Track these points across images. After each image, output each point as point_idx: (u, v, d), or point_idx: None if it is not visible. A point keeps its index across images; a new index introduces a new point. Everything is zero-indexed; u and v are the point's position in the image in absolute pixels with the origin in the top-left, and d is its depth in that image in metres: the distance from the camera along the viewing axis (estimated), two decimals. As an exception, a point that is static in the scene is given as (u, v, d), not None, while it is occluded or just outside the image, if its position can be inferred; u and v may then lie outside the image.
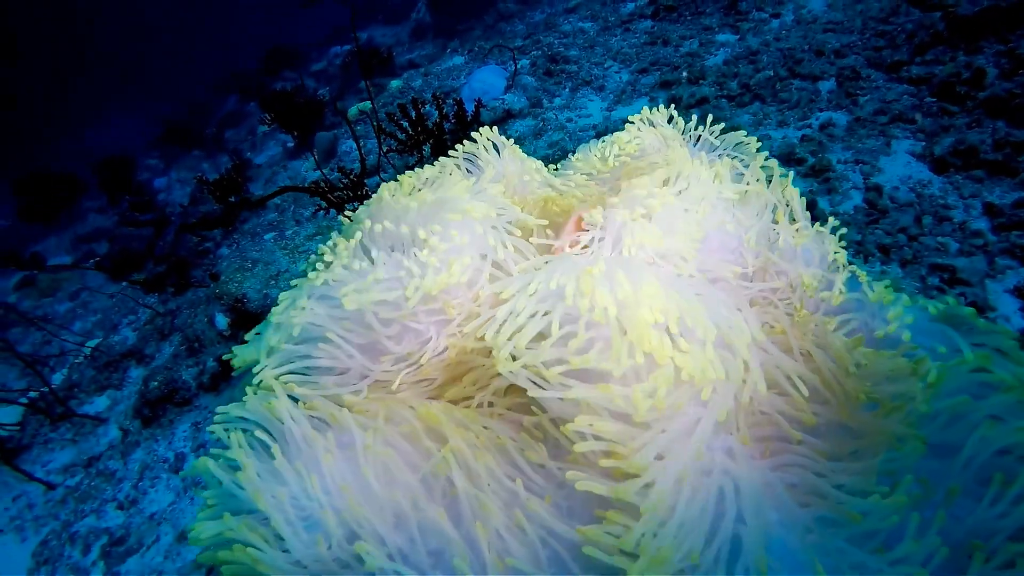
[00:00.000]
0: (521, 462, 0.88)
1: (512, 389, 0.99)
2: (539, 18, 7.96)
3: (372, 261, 1.08)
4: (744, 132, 1.34)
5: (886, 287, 1.07)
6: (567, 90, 4.65)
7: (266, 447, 0.91)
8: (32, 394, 3.98)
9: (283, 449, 0.90)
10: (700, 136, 1.44)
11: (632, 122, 1.42)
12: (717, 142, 1.31)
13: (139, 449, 3.22)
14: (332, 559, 0.77)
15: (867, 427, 0.83)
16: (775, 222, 1.11)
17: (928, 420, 0.84)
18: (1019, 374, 0.91)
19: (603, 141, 1.46)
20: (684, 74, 4.29)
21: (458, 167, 1.35)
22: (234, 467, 0.89)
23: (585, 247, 1.07)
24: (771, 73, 3.95)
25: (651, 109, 1.43)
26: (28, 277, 7.48)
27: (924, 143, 2.92)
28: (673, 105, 1.65)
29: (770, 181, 1.19)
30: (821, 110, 3.48)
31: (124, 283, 6.02)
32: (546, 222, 1.24)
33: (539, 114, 4.41)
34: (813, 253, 1.09)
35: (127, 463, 3.16)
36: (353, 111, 6.37)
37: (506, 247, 1.08)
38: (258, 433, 0.92)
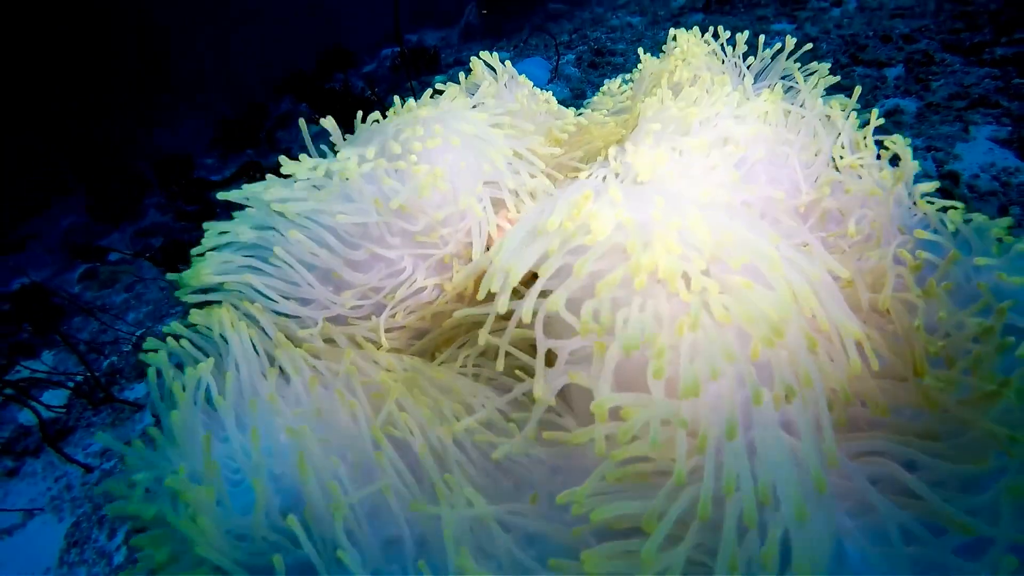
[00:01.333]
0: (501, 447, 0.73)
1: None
2: (587, 16, 7.82)
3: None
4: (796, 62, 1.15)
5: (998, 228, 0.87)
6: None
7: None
8: (78, 378, 4.09)
9: (223, 395, 0.79)
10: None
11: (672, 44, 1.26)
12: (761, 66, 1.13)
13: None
14: (268, 530, 0.65)
15: (960, 416, 0.65)
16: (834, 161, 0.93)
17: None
18: None
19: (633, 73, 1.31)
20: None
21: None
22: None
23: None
24: (832, 61, 3.67)
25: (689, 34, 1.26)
26: (91, 269, 7.85)
27: (1011, 128, 2.62)
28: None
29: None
30: (887, 97, 3.20)
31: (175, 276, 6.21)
32: (560, 151, 1.08)
33: (580, 105, 4.26)
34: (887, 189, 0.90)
35: (158, 449, 3.18)
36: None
37: (514, 168, 0.93)
38: (202, 372, 0.81)
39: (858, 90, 1.04)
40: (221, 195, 0.97)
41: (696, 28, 1.29)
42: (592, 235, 0.67)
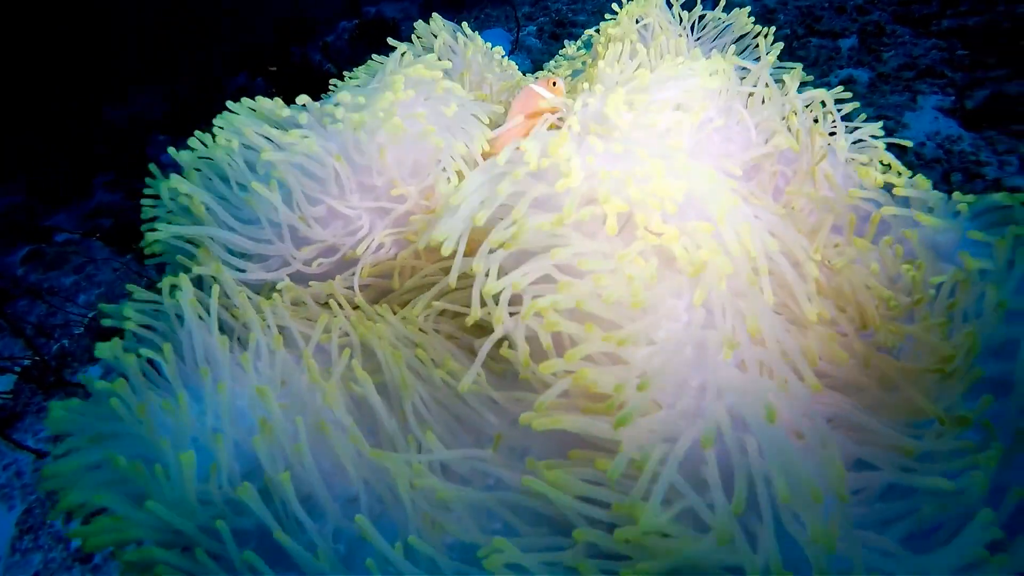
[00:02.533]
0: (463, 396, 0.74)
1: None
2: (550, -13, 7.72)
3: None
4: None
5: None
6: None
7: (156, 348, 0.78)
8: (26, 363, 3.93)
9: (179, 355, 0.77)
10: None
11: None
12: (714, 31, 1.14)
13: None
14: (223, 500, 0.64)
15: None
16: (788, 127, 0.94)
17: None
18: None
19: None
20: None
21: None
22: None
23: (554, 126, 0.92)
24: (788, 32, 3.72)
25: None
26: (35, 250, 7.49)
27: (954, 98, 2.71)
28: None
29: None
30: (841, 67, 3.26)
31: (128, 256, 5.99)
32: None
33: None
34: (837, 154, 0.92)
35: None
36: (356, 81, 6.23)
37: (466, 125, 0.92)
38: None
39: (798, 72, 1.06)
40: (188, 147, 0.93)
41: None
42: (566, 180, 0.68)
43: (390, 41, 1.18)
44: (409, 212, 0.87)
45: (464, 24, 1.30)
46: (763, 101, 0.99)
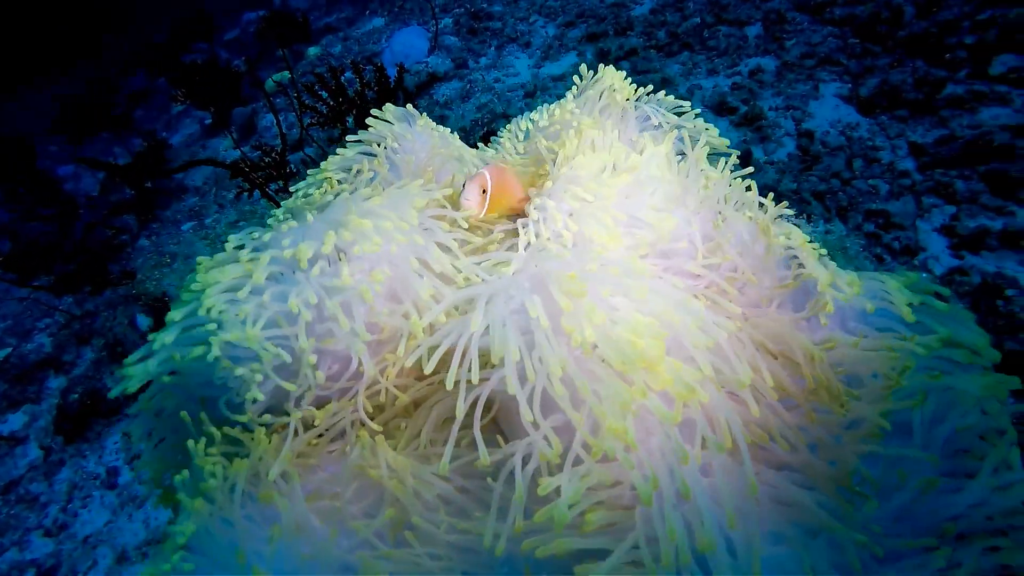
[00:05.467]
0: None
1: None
2: (461, -28, 7.62)
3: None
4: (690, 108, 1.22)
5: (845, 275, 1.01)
6: (492, 48, 4.46)
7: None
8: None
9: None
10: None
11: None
12: (651, 110, 1.20)
13: (65, 468, 3.00)
14: None
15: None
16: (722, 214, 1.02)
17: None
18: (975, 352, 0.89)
19: (535, 112, 1.34)
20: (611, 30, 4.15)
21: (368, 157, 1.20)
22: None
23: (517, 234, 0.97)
24: (698, 20, 3.87)
25: (581, 74, 1.28)
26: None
27: (851, 85, 2.93)
28: (602, 59, 1.54)
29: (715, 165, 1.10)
30: (749, 56, 3.44)
31: (33, 283, 5.57)
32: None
33: (465, 75, 4.22)
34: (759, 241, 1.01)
35: (52, 484, 2.93)
36: (270, 83, 5.97)
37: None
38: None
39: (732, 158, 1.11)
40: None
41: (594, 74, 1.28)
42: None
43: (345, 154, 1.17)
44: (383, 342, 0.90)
45: (410, 107, 1.28)
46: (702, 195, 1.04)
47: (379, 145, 1.19)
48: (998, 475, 0.81)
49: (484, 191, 1.00)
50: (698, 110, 1.21)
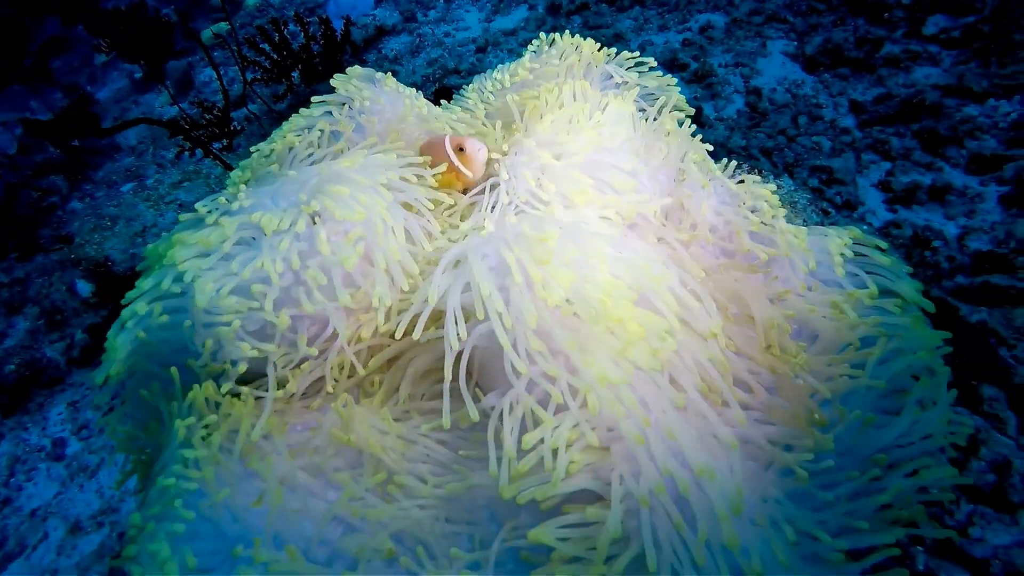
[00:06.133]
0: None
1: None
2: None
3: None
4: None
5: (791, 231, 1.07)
6: (441, 1, 4.33)
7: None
8: None
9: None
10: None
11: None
12: (612, 69, 1.22)
13: (4, 442, 2.88)
14: None
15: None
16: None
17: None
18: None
19: (497, 71, 1.33)
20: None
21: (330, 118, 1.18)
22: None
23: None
24: (650, -25, 3.84)
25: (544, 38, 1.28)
26: None
27: (796, 43, 3.00)
28: (553, 13, 1.53)
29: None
30: (700, 12, 3.46)
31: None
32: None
33: (414, 29, 4.09)
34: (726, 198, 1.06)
35: (-9, 460, 2.82)
36: (207, 34, 5.62)
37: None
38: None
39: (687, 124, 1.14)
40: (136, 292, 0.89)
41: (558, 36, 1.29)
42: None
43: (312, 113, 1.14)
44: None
45: (378, 75, 1.26)
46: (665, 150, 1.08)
47: (345, 106, 1.17)
48: (922, 410, 0.91)
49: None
50: (657, 69, 1.23)
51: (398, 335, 0.84)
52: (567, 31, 1.31)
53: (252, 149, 1.18)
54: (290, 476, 0.84)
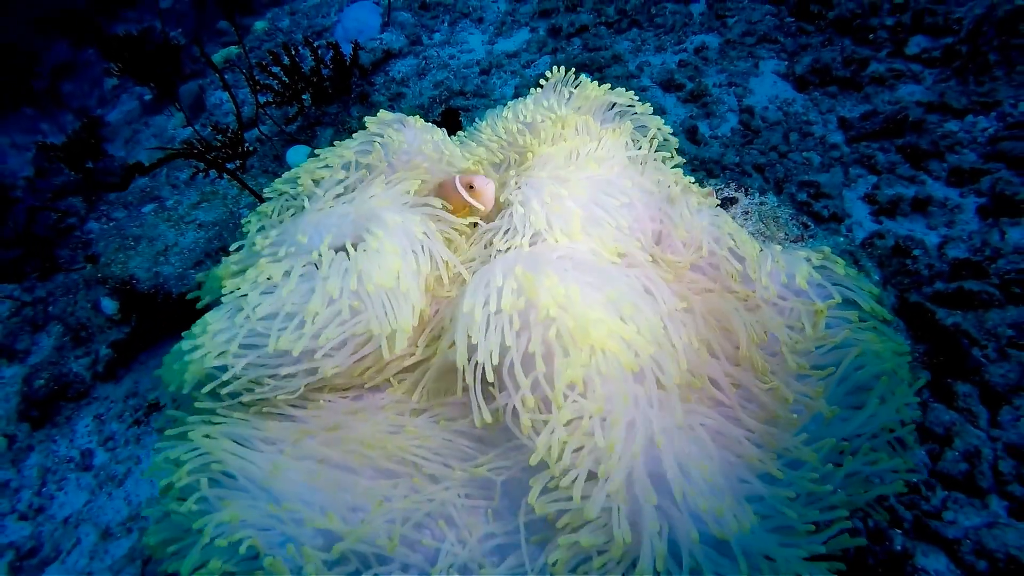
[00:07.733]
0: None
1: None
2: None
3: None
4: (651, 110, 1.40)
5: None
6: (446, 24, 4.49)
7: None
8: None
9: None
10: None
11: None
12: (613, 99, 1.37)
13: (34, 454, 3.01)
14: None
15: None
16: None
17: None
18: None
19: (508, 108, 1.47)
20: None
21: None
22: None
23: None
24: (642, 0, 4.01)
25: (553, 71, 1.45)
26: None
27: (787, 62, 3.15)
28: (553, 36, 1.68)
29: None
30: (695, 33, 3.62)
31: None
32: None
33: (420, 52, 4.25)
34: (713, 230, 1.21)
35: (21, 471, 2.95)
36: (218, 58, 5.81)
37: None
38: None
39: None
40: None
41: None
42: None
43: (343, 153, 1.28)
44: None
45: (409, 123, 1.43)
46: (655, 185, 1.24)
47: (376, 143, 1.33)
48: (881, 405, 1.03)
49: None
50: (648, 105, 1.39)
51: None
52: (572, 69, 1.45)
53: (274, 185, 1.34)
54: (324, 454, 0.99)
